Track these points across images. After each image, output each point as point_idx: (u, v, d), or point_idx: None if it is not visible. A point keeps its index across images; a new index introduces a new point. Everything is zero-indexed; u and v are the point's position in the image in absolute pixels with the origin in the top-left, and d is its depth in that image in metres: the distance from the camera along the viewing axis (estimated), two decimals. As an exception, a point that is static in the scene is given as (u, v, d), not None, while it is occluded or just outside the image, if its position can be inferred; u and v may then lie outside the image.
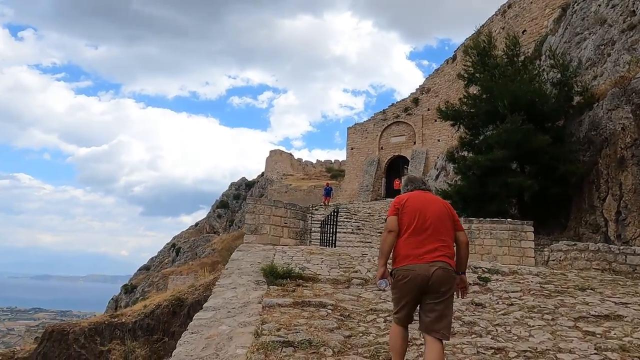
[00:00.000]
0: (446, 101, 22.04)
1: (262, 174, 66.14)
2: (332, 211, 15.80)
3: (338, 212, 15.74)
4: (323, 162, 66.63)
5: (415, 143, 37.01)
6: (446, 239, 3.63)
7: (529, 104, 14.97)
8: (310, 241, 13.95)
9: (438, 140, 35.25)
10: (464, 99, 17.60)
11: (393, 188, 33.68)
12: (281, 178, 58.59)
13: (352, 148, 41.17)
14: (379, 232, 16.95)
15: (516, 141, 14.47)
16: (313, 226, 16.27)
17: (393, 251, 3.65)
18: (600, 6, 16.61)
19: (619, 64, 14.22)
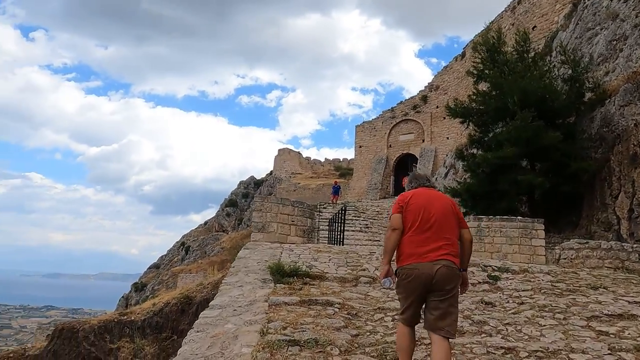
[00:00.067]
0: (455, 98, 21.86)
1: (271, 173, 66.17)
2: (340, 209, 15.73)
3: (346, 210, 15.66)
4: (331, 161, 66.52)
5: (424, 141, 36.82)
6: (450, 237, 3.60)
7: (540, 101, 14.78)
8: (317, 239, 13.90)
9: (447, 137, 35.05)
10: (473, 96, 17.40)
11: (401, 186, 33.53)
12: (290, 177, 58.56)
13: (361, 146, 41.03)
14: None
15: (526, 138, 14.28)
16: (321, 224, 16.22)
17: (397, 249, 3.62)
18: (612, 1, 16.34)
19: (632, 60, 13.98)
